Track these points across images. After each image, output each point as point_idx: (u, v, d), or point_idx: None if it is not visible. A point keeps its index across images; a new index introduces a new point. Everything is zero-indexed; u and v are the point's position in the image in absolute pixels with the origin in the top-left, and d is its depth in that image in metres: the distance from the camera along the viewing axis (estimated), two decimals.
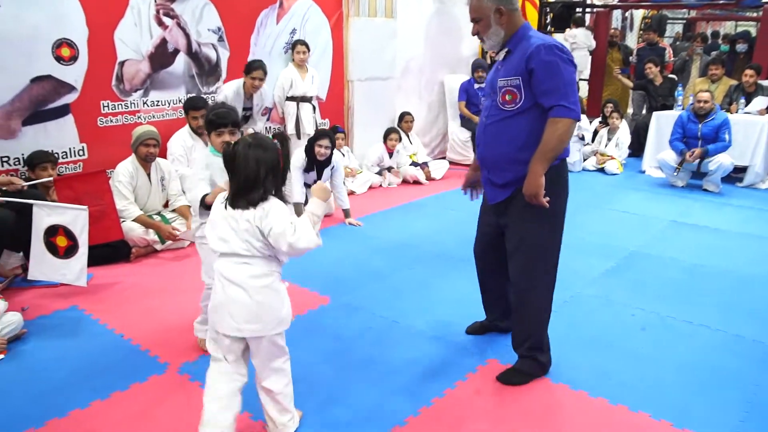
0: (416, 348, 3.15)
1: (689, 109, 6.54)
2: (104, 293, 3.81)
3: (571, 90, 2.53)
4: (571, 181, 2.82)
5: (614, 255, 4.50)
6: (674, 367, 2.98)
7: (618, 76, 8.63)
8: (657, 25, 10.33)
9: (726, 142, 6.30)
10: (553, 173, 2.60)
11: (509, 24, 2.65)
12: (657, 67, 7.92)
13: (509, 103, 2.62)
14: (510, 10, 2.64)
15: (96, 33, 4.50)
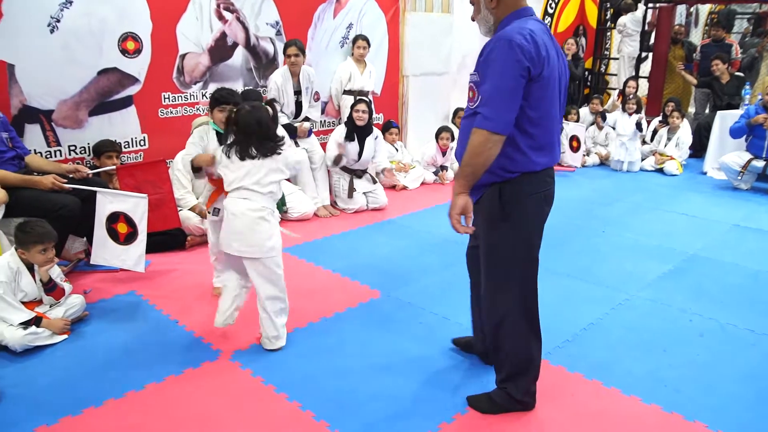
0: None
1: (758, 104, 6.24)
2: (161, 280, 3.93)
3: (497, 95, 2.13)
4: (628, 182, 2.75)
5: (672, 258, 4.37)
6: (734, 376, 2.87)
7: (681, 72, 8.34)
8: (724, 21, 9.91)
9: None
10: (507, 191, 2.29)
11: (499, 9, 2.28)
12: (725, 64, 7.62)
13: (471, 101, 2.28)
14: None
15: (159, 27, 4.63)
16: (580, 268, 4.17)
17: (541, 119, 2.24)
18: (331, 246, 4.54)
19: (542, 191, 2.35)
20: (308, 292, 3.73)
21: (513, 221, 2.32)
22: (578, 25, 9.03)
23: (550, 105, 2.25)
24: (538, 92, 2.18)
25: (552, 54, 2.22)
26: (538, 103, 2.20)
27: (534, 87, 2.16)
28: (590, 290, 3.82)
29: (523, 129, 2.22)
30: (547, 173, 2.36)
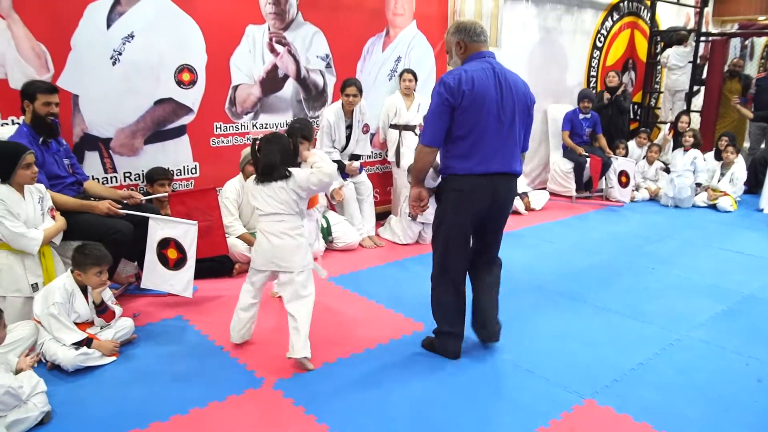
0: (507, 381, 3.07)
1: None
2: (207, 305, 3.99)
3: (428, 118, 2.97)
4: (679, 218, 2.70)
5: (726, 298, 4.21)
6: None
7: (737, 105, 8.14)
8: None
9: None
10: (441, 185, 3.15)
11: (465, 53, 3.04)
12: None
13: None
14: (468, 42, 3.02)
15: (214, 59, 4.79)
16: (629, 305, 4.06)
17: (466, 136, 2.93)
18: (375, 277, 4.55)
19: (463, 189, 3.02)
20: (352, 323, 3.73)
21: (442, 206, 3.15)
22: (627, 59, 8.95)
23: (474, 125, 2.91)
24: (460, 117, 2.90)
25: (482, 86, 2.89)
26: (462, 125, 2.92)
27: (456, 113, 2.90)
28: (640, 329, 3.71)
29: (451, 143, 2.98)
30: (471, 177, 2.99)
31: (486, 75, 2.92)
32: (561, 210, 6.78)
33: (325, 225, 5.14)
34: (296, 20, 5.21)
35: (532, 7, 7.31)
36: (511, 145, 3.04)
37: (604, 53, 8.55)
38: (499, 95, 2.94)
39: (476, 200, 3.03)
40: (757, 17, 11.09)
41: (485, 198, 3.03)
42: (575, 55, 8.05)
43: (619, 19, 8.60)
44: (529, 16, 7.28)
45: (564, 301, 4.13)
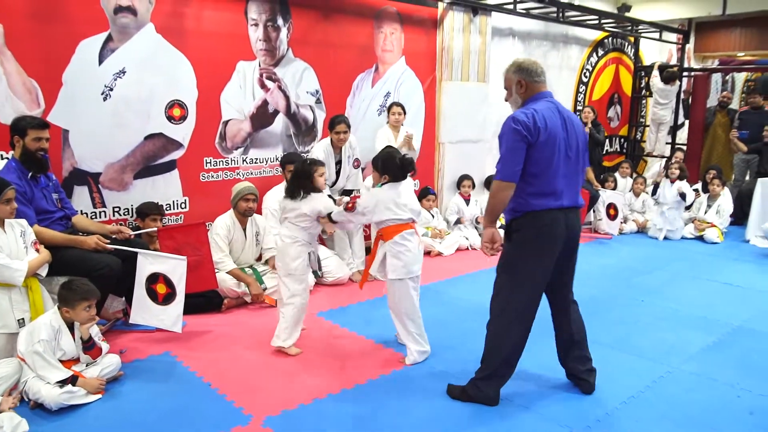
0: (501, 417, 3.04)
1: None
2: (196, 341, 3.95)
3: (504, 155, 2.94)
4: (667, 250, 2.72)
5: (716, 330, 4.22)
6: None
7: (734, 139, 8.26)
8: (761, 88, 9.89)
9: None
10: (513, 225, 3.05)
11: (527, 93, 3.09)
12: None
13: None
14: (529, 82, 3.09)
15: (204, 95, 4.83)
16: (618, 338, 4.06)
17: (540, 173, 2.93)
18: (365, 312, 4.52)
19: (544, 224, 2.99)
20: (341, 358, 3.70)
21: (518, 245, 3.05)
22: (613, 93, 9.11)
23: (548, 162, 2.93)
24: (536, 154, 2.91)
25: (553, 125, 2.94)
26: (537, 162, 2.91)
27: (532, 150, 2.90)
28: (630, 362, 3.70)
29: (526, 181, 2.94)
30: (549, 212, 2.98)
31: (553, 114, 2.99)
32: None
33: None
34: (286, 56, 5.28)
35: (519, 44, 7.46)
36: (576, 179, 3.10)
37: (589, 88, 8.71)
38: (566, 133, 3.01)
39: (556, 235, 3.00)
40: (737, 53, 11.37)
41: (562, 233, 3.01)
42: (562, 89, 8.19)
43: (604, 55, 8.79)
44: (516, 52, 7.42)
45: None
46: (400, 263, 3.53)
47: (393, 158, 3.62)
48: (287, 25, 5.24)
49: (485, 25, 6.77)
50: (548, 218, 2.99)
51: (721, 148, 8.85)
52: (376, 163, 3.67)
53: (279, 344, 3.74)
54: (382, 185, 3.62)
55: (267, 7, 5.08)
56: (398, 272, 3.53)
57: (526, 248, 3.03)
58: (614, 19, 8.29)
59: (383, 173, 3.62)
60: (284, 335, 3.73)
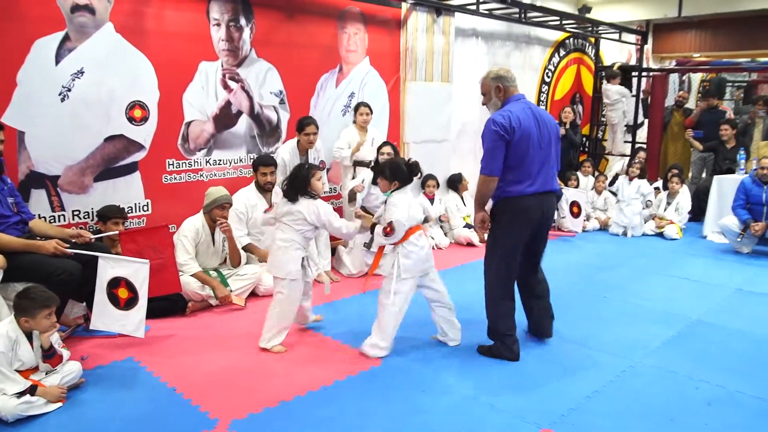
0: (468, 415, 3.07)
1: (752, 174, 6.36)
2: (159, 346, 3.89)
3: (487, 153, 3.51)
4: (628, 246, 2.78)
5: (675, 324, 4.33)
6: None
7: (690, 138, 8.46)
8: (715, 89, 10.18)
9: None
10: (499, 209, 3.65)
11: (504, 96, 3.65)
12: (733, 130, 7.77)
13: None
14: (506, 87, 3.64)
15: (166, 95, 4.76)
16: (582, 334, 4.13)
17: (517, 166, 3.50)
18: (332, 312, 4.51)
19: (520, 207, 3.57)
20: (308, 360, 3.69)
21: (500, 224, 3.66)
22: (575, 93, 9.26)
23: (523, 156, 3.49)
24: (513, 150, 3.47)
25: (526, 123, 3.48)
26: (514, 156, 3.48)
27: (509, 147, 3.46)
28: (594, 357, 3.77)
29: (506, 172, 3.51)
30: (524, 197, 3.55)
31: (526, 113, 3.52)
32: None
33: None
34: (249, 57, 5.24)
35: (483, 44, 7.53)
36: (549, 167, 3.66)
37: (552, 88, 8.83)
38: (538, 128, 3.54)
39: (530, 215, 3.59)
40: (692, 54, 11.67)
41: (536, 214, 3.61)
42: (525, 89, 8.11)
43: (565, 55, 8.93)
44: (480, 52, 7.49)
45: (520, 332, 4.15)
46: (410, 262, 3.66)
47: (399, 164, 3.74)
48: (250, 25, 5.19)
49: (448, 25, 6.81)
50: (525, 202, 3.56)
51: (679, 147, 9.07)
52: (384, 171, 3.73)
53: (263, 345, 3.79)
54: (392, 192, 3.71)
55: (229, 7, 5.03)
56: (410, 271, 3.67)
57: (507, 226, 3.62)
58: (575, 20, 8.43)
59: (393, 180, 3.70)
60: (269, 336, 3.80)
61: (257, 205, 4.92)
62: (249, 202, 4.91)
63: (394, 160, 3.88)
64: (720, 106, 9.10)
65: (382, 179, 3.75)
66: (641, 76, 9.28)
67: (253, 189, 4.97)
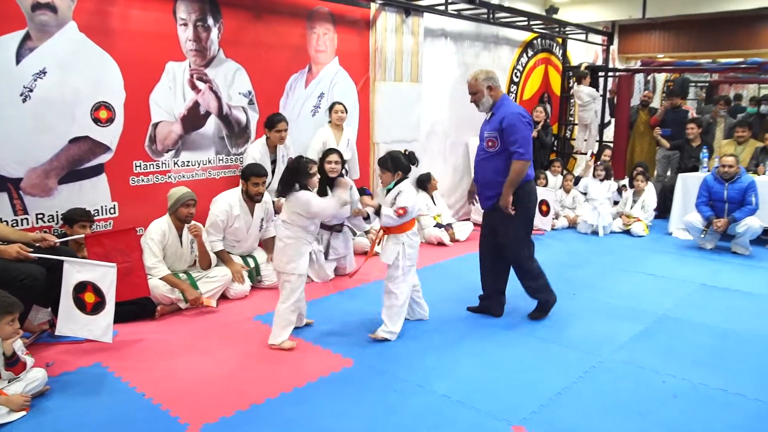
0: (440, 414, 3.08)
1: (714, 172, 6.51)
2: (128, 350, 3.82)
3: (523, 141, 4.02)
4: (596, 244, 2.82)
5: (643, 319, 4.41)
6: None
7: (658, 136, 8.63)
8: (679, 89, 10.41)
9: (753, 205, 6.22)
10: (520, 191, 4.14)
11: (495, 95, 4.17)
12: (699, 129, 7.94)
13: (491, 147, 4.18)
14: (496, 87, 4.17)
15: (132, 96, 4.68)
16: (552, 331, 4.18)
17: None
18: None
19: (530, 190, 4.26)
20: (279, 361, 3.67)
21: (524, 204, 4.19)
22: (543, 93, 9.37)
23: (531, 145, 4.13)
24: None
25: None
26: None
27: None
28: (564, 353, 3.82)
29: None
30: (531, 181, 4.26)
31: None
32: None
33: (253, 265, 5.05)
34: (218, 57, 5.18)
35: (451, 44, 7.57)
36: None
37: (521, 88, 8.92)
38: None
39: (535, 195, 4.36)
40: (657, 55, 11.91)
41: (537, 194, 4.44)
42: None
43: (533, 56, 9.03)
44: (449, 52, 7.53)
45: (491, 330, 4.20)
46: (413, 251, 4.01)
47: (399, 155, 4.02)
48: (218, 25, 5.14)
49: (417, 25, 6.84)
50: (533, 185, 4.30)
51: (644, 145, 9.25)
52: (386, 164, 3.98)
53: (273, 342, 3.84)
54: (395, 183, 3.97)
55: (196, 6, 4.97)
56: (413, 259, 4.01)
57: (528, 205, 4.23)
58: (542, 21, 8.53)
59: (395, 171, 3.96)
60: (277, 331, 3.85)
61: (240, 216, 4.88)
62: (232, 211, 4.86)
63: (393, 153, 4.06)
64: (683, 106, 9.30)
65: (385, 172, 3.98)
66: (608, 76, 9.44)
67: (237, 197, 4.91)
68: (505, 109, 4.09)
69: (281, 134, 5.18)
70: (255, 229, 5.02)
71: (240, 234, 4.96)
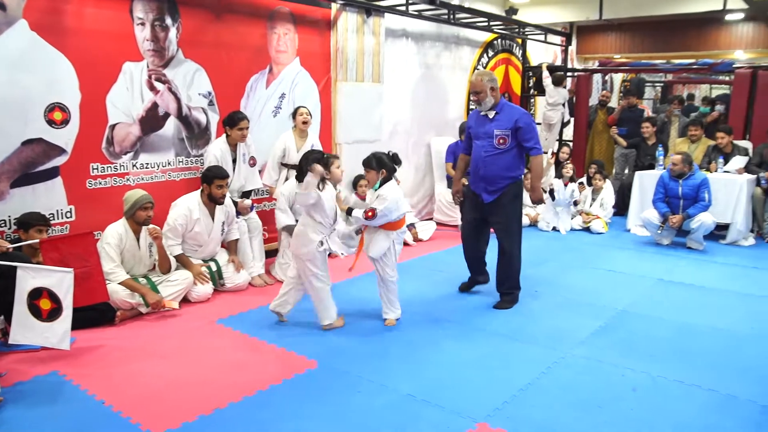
0: (404, 413, 3.09)
1: (669, 169, 6.68)
2: (86, 357, 3.73)
3: (537, 138, 4.58)
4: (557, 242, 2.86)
5: (602, 315, 4.50)
6: (669, 429, 2.95)
7: (615, 135, 8.81)
8: (635, 89, 10.66)
9: (706, 201, 6.41)
10: (516, 186, 4.60)
11: (496, 96, 4.51)
12: (654, 128, 8.13)
13: (501, 145, 4.52)
14: (496, 88, 4.51)
15: (88, 97, 4.57)
16: (514, 328, 4.24)
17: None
18: (266, 316, 4.44)
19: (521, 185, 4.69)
20: (242, 365, 3.63)
21: (518, 199, 4.66)
22: (504, 93, 9.48)
23: None
24: None
25: None
26: None
27: None
28: (526, 350, 3.87)
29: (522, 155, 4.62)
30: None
31: None
32: (448, 239, 6.99)
33: (215, 268, 4.98)
34: (176, 57, 5.10)
35: (412, 45, 7.60)
36: None
37: None
38: None
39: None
40: (614, 55, 12.17)
41: None
42: (455, 89, 8.44)
43: (494, 56, 9.13)
44: (410, 53, 7.56)
45: (455, 328, 4.24)
46: (400, 248, 4.29)
47: (383, 155, 4.17)
48: (176, 24, 5.06)
49: (379, 26, 6.85)
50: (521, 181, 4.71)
51: (603, 144, 9.43)
52: (370, 163, 4.15)
53: (325, 323, 4.14)
54: (381, 182, 4.13)
55: (154, 6, 4.88)
56: (396, 256, 4.25)
57: (522, 200, 4.72)
58: (502, 22, 8.63)
59: (380, 170, 4.12)
60: (323, 314, 4.15)
61: (200, 220, 4.81)
62: (191, 215, 4.78)
63: (377, 153, 4.20)
64: (639, 105, 9.52)
65: (369, 171, 4.15)
66: (566, 76, 9.59)
67: (197, 201, 4.84)
68: (515, 110, 4.55)
69: (243, 132, 5.12)
70: (216, 233, 4.95)
71: (201, 238, 4.89)
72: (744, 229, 6.78)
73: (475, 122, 4.68)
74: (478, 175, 4.63)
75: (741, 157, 7.10)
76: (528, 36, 9.41)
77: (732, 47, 11.11)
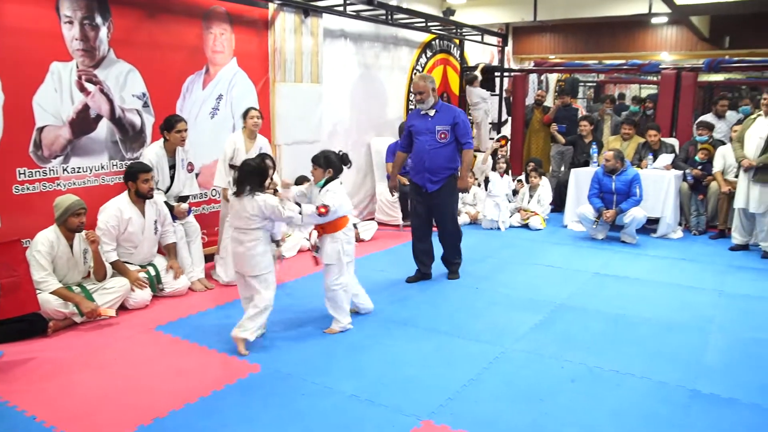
0: (348, 414, 3.09)
1: (603, 166, 6.92)
2: (16, 371, 3.57)
3: (469, 133, 5.16)
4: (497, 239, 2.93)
5: (541, 309, 4.62)
6: (606, 416, 3.05)
7: (555, 132, 9.03)
8: (569, 89, 10.99)
9: (637, 196, 6.67)
10: (453, 177, 5.18)
11: (435, 96, 5.10)
12: (591, 126, 8.38)
13: (443, 139, 5.06)
14: (436, 89, 5.09)
15: (13, 99, 4.37)
16: (456, 325, 4.30)
17: None
18: (207, 321, 4.37)
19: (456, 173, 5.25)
20: (183, 371, 3.55)
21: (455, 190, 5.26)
22: (442, 93, 9.59)
23: None
24: None
25: None
26: None
27: None
28: (468, 346, 3.93)
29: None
30: None
31: None
32: (389, 239, 7.03)
33: (154, 273, 4.85)
34: (108, 57, 4.94)
35: (351, 45, 7.60)
36: None
37: None
38: None
39: None
40: (549, 56, 12.50)
41: None
42: (394, 89, 8.48)
43: (432, 56, 9.22)
44: (349, 53, 7.56)
45: (398, 327, 4.26)
46: (351, 247, 4.20)
47: (332, 154, 4.17)
48: (107, 24, 4.89)
49: (317, 26, 6.81)
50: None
51: (540, 142, 9.67)
52: (318, 161, 4.11)
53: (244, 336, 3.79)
54: (326, 180, 4.08)
55: (82, 3, 4.71)
56: (351, 255, 4.20)
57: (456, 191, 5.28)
58: (440, 22, 8.72)
59: (326, 168, 4.08)
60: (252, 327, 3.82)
61: (132, 219, 4.68)
62: (122, 215, 4.64)
63: (326, 151, 4.20)
64: (573, 104, 9.81)
65: (316, 168, 4.10)
66: (503, 76, 9.79)
67: (126, 200, 4.70)
68: (452, 109, 5.22)
69: (182, 135, 4.99)
70: (150, 231, 4.82)
71: (135, 238, 4.76)
72: (673, 222, 7.09)
73: (417, 120, 5.18)
74: (423, 167, 5.11)
75: (667, 154, 7.42)
76: (465, 37, 9.55)
77: (658, 49, 11.60)
